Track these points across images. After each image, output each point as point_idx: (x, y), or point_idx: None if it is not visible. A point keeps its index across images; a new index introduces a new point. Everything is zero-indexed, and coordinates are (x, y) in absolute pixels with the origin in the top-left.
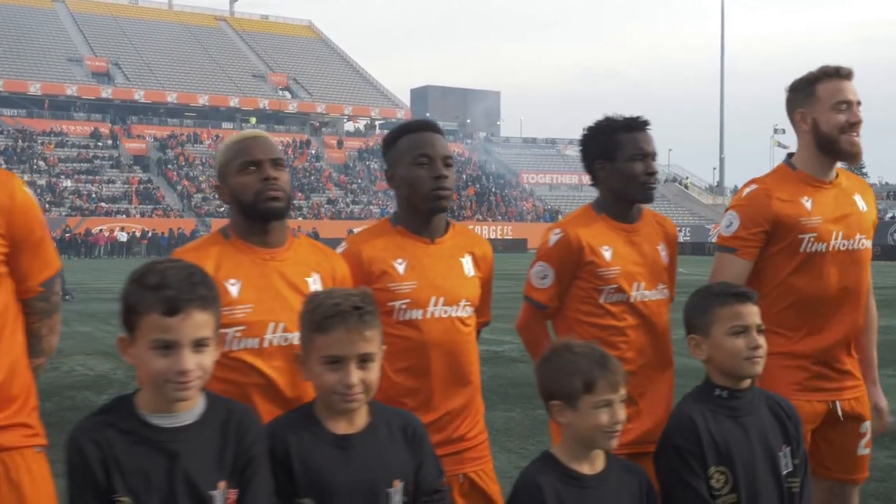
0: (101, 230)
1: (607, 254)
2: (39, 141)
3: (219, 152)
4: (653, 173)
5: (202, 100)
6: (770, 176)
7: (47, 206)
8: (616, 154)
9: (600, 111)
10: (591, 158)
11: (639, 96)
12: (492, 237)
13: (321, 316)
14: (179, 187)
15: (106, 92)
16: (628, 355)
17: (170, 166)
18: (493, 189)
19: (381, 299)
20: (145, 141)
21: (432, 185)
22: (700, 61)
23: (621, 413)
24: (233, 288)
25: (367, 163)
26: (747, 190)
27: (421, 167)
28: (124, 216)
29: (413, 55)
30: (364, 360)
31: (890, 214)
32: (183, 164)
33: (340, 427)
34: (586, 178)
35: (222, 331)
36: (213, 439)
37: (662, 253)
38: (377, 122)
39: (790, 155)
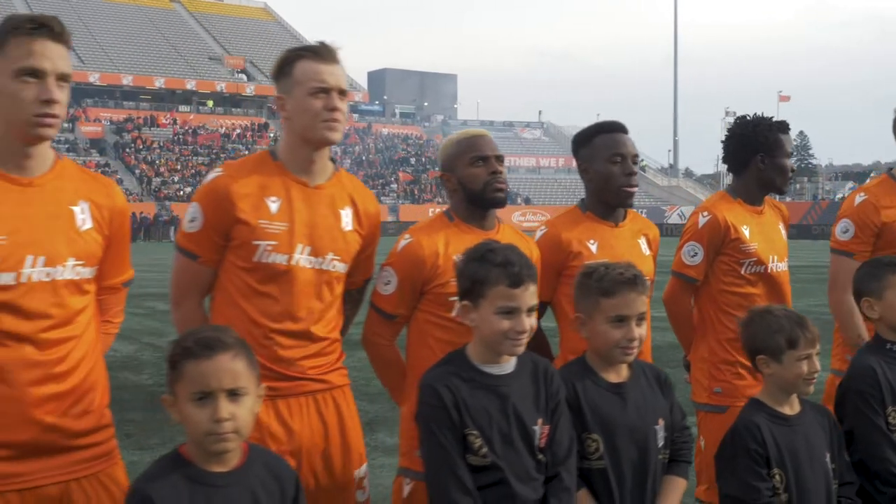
0: None
1: (746, 232)
2: None
3: (445, 146)
4: (795, 170)
5: (158, 82)
6: (876, 186)
7: None
8: (776, 151)
9: (556, 94)
10: (750, 150)
11: (594, 79)
12: None
13: (610, 283)
14: (138, 171)
15: None
16: None
17: (127, 150)
18: None
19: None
20: (101, 124)
21: (624, 181)
22: (654, 46)
23: (817, 363)
24: None
25: None
26: (858, 199)
27: (615, 164)
28: None
29: (369, 38)
30: (641, 318)
31: (840, 195)
32: (141, 147)
33: (612, 376)
34: (543, 161)
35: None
36: (528, 384)
37: (783, 232)
38: None
39: (890, 168)
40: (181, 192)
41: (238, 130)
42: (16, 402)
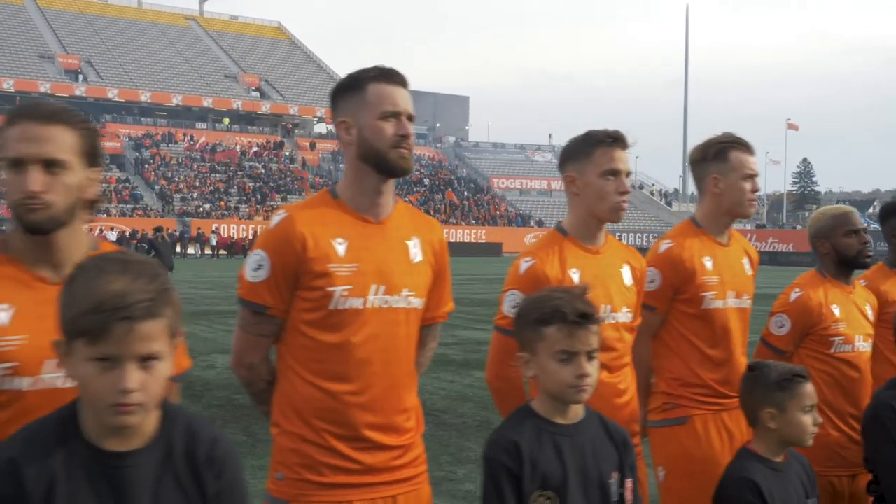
0: (90, 229)
1: (837, 311)
2: None
3: (819, 218)
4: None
5: (175, 99)
6: None
7: None
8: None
9: (564, 116)
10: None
11: (600, 101)
12: (466, 241)
13: None
14: (157, 187)
15: (80, 90)
16: None
17: (146, 165)
18: (466, 193)
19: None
20: (120, 140)
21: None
22: (658, 69)
23: None
24: (836, 310)
25: (341, 165)
26: None
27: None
28: (104, 215)
29: (382, 58)
30: None
31: None
32: (160, 163)
33: None
34: (555, 184)
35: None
36: None
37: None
38: None
39: None
40: (200, 210)
41: (255, 148)
42: (605, 411)
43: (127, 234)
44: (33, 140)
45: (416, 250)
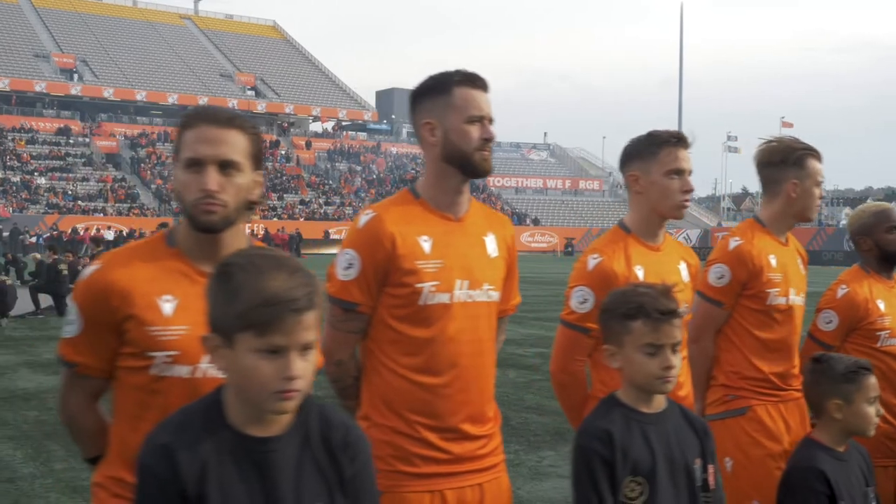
0: (86, 229)
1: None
2: (10, 137)
3: (860, 216)
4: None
5: (171, 98)
6: None
7: (25, 203)
8: None
9: (559, 115)
10: None
11: (595, 100)
12: None
13: None
14: (154, 186)
15: (75, 89)
16: None
17: (142, 165)
18: None
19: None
20: (116, 139)
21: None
22: (654, 68)
23: None
24: (881, 305)
25: (337, 164)
26: None
27: None
28: (101, 214)
29: (377, 57)
30: None
31: (842, 221)
32: (156, 162)
33: None
34: (550, 182)
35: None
36: None
37: None
38: (343, 124)
39: None
40: None
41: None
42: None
43: (124, 233)
44: (211, 142)
45: (492, 246)
